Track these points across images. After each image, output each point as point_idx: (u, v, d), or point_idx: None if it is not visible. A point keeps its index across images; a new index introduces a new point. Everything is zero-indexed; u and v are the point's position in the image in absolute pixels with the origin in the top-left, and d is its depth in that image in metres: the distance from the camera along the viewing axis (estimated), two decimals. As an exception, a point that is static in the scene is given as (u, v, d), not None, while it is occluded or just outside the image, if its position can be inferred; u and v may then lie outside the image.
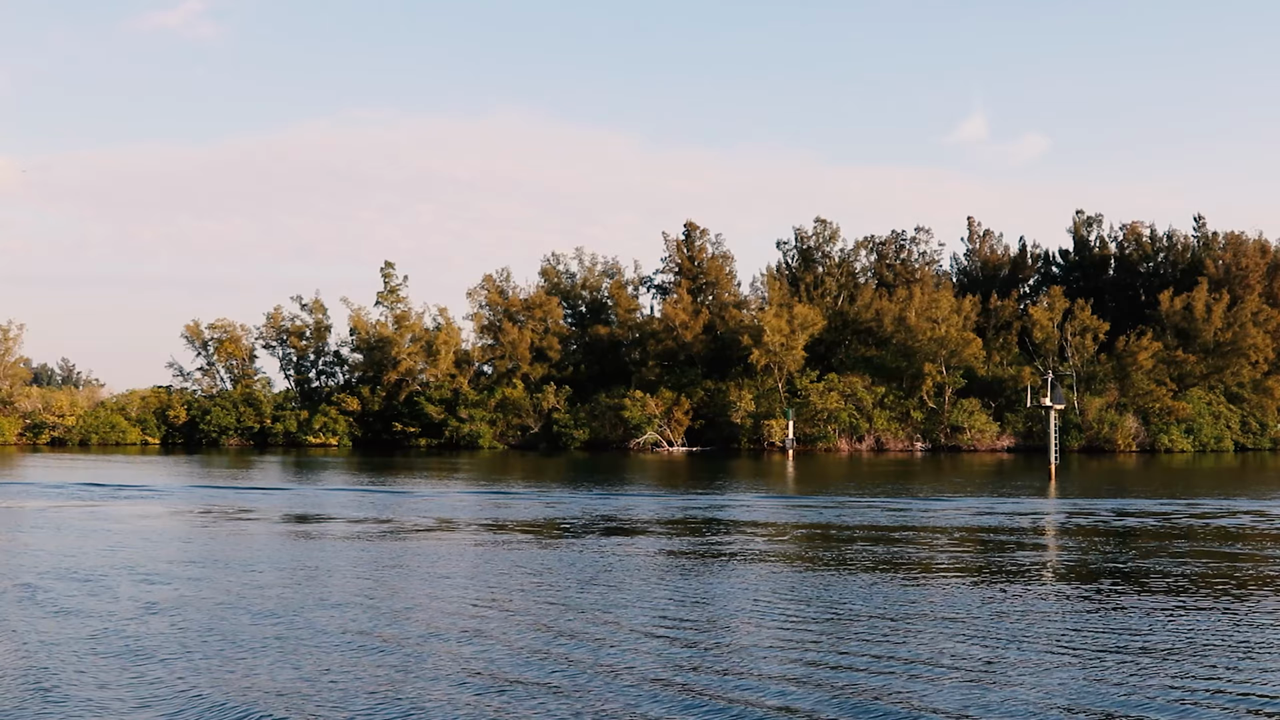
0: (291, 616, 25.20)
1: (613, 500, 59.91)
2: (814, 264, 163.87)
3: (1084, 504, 56.65)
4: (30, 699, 18.21)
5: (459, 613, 25.71)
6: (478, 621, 24.58)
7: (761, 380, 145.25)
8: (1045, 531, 44.60)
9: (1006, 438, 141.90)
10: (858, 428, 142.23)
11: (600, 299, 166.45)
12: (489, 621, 24.57)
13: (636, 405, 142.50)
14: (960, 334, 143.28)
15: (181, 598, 27.66)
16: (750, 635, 23.17)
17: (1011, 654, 21.34)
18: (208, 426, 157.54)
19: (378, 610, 25.99)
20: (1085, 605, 26.63)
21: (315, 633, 23.43)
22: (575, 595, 27.97)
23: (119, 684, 19.13)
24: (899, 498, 60.80)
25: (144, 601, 27.06)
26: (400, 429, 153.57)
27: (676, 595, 28.00)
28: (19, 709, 17.62)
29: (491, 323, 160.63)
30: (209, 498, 60.57)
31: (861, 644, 22.18)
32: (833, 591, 28.43)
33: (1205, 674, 19.78)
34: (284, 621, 24.60)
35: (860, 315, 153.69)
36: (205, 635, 23.18)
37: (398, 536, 41.57)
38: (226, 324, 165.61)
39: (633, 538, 41.24)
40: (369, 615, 25.37)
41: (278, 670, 20.12)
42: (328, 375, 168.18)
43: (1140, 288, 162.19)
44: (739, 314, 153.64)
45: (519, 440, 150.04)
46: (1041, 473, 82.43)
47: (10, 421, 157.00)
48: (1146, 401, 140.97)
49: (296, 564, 33.86)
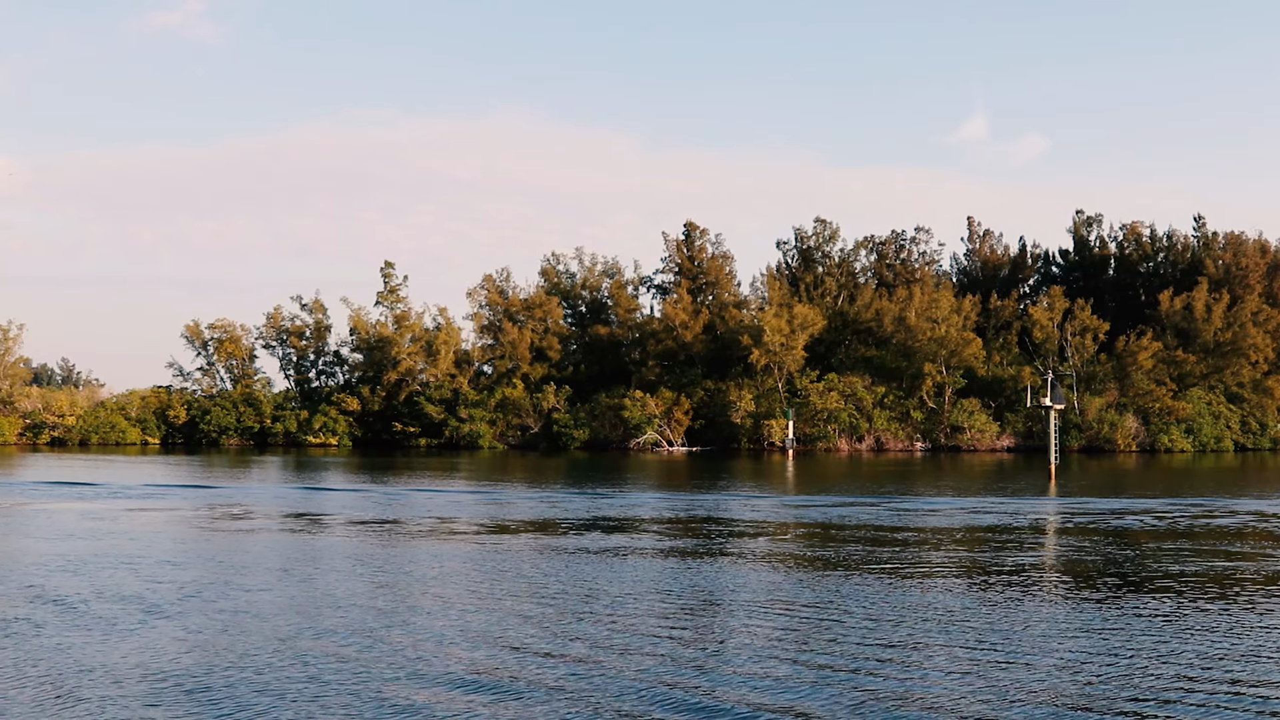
0: (293, 617, 25.23)
1: (613, 500, 59.93)
2: (814, 264, 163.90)
3: (1083, 503, 56.66)
4: (37, 699, 18.24)
5: (460, 613, 25.72)
6: (478, 622, 24.60)
7: (761, 380, 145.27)
8: (1045, 531, 44.62)
9: (1006, 438, 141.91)
10: (858, 428, 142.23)
11: (600, 299, 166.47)
12: (488, 621, 24.59)
13: (636, 405, 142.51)
14: (960, 334, 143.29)
15: (182, 599, 27.68)
16: (749, 634, 23.18)
17: (1010, 653, 21.35)
18: (208, 426, 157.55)
19: (379, 611, 26.00)
20: (1084, 605, 26.64)
21: (319, 634, 23.45)
22: (575, 596, 27.98)
23: (121, 685, 19.15)
24: (899, 497, 60.82)
25: (147, 603, 27.09)
26: (400, 429, 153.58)
27: (676, 595, 28.01)
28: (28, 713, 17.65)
29: (491, 323, 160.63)
30: (211, 498, 60.60)
31: (861, 645, 22.19)
32: (832, 592, 28.44)
33: (1204, 674, 19.79)
34: (285, 621, 24.62)
35: (860, 315, 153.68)
36: (206, 637, 23.19)
37: (398, 537, 41.58)
38: (226, 324, 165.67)
39: (632, 536, 41.25)
40: (370, 616, 25.38)
41: (281, 670, 20.14)
42: (328, 375, 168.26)
43: (1140, 288, 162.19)
44: (739, 314, 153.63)
45: (519, 440, 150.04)
46: (1041, 473, 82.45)
47: (10, 421, 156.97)
48: (1146, 401, 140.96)
49: (296, 565, 33.88)
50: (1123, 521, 47.28)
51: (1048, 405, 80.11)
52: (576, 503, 58.07)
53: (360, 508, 54.67)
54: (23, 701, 18.02)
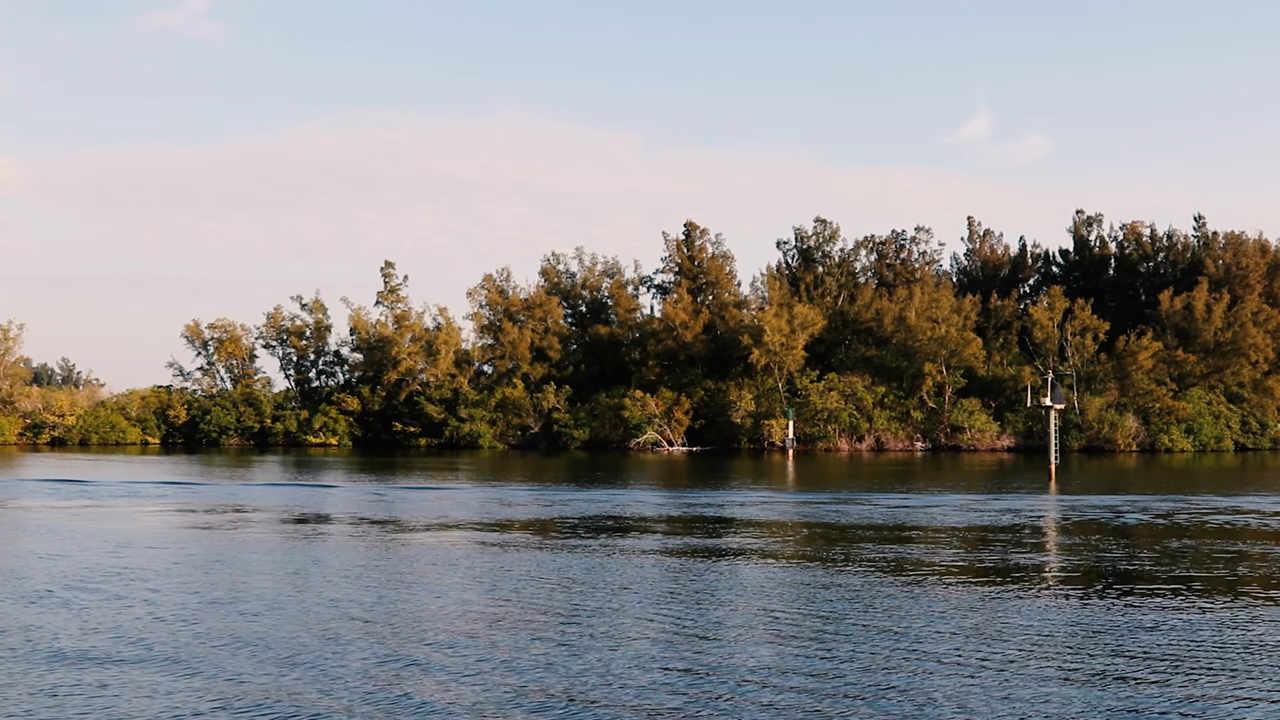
0: (297, 616, 25.22)
1: (613, 500, 59.92)
2: (814, 264, 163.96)
3: (1083, 501, 56.65)
4: (37, 702, 18.24)
5: (462, 614, 25.72)
6: (480, 624, 24.60)
7: (761, 380, 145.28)
8: (1045, 531, 44.61)
9: (1006, 437, 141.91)
10: (858, 427, 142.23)
11: (600, 299, 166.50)
12: (490, 623, 24.58)
13: (636, 405, 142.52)
14: (960, 334, 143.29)
15: (187, 600, 27.69)
16: (750, 635, 23.18)
17: (1010, 653, 21.35)
18: (208, 426, 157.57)
19: (382, 613, 26.00)
20: (1084, 604, 26.64)
21: (326, 638, 23.45)
22: (574, 597, 27.98)
23: (124, 685, 19.14)
24: (898, 495, 60.81)
25: (151, 603, 27.08)
26: (400, 429, 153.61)
27: (676, 595, 28.00)
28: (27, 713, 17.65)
29: (491, 322, 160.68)
30: (214, 497, 60.60)
31: (860, 645, 22.19)
32: (832, 591, 28.43)
33: (1206, 674, 19.79)
34: (289, 621, 24.61)
35: (860, 315, 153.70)
36: (210, 637, 23.18)
37: (400, 539, 41.58)
38: (226, 324, 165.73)
39: (631, 537, 41.25)
40: (372, 617, 25.37)
41: (285, 672, 20.13)
42: (328, 375, 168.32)
43: (1140, 287, 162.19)
44: (739, 314, 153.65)
45: (519, 440, 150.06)
46: (1041, 472, 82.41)
47: (10, 421, 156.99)
48: (1146, 401, 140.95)
49: (299, 565, 33.87)
50: (1122, 519, 47.29)
51: (1048, 405, 80.00)
52: (576, 504, 58.06)
53: (361, 508, 54.67)
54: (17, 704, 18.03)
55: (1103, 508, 53.60)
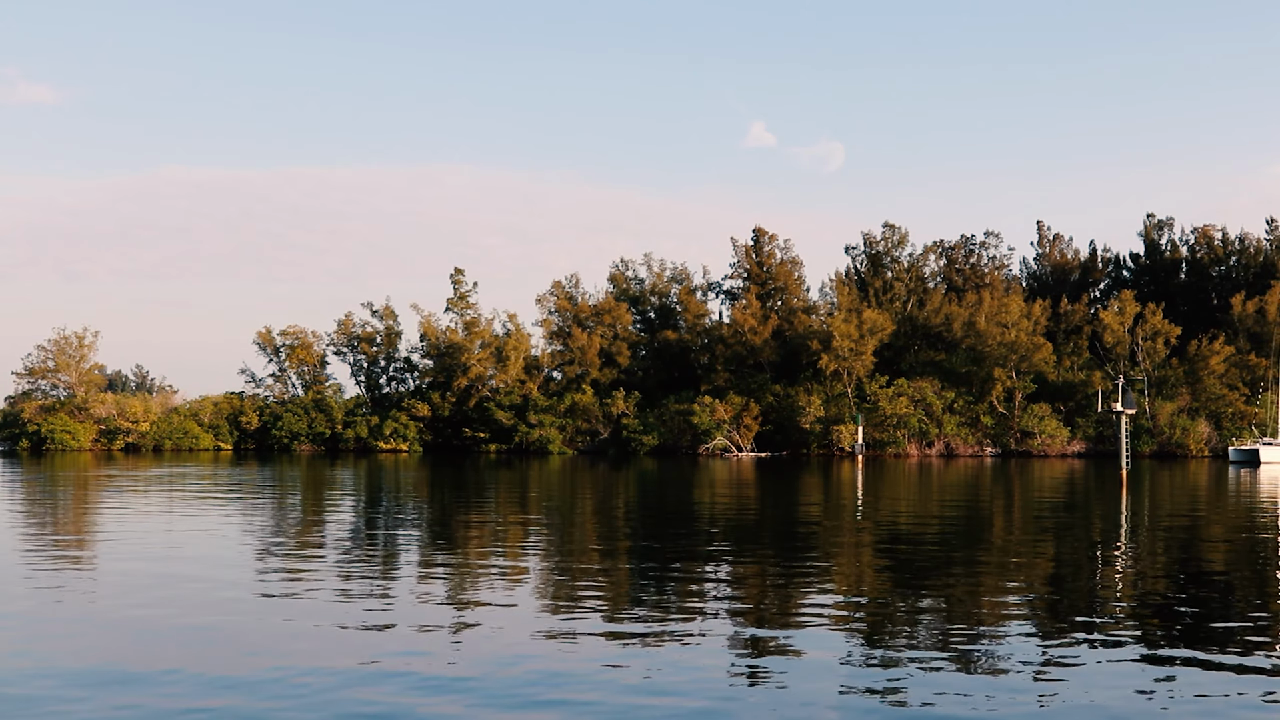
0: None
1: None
2: (883, 269, 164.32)
3: (1157, 518, 56.29)
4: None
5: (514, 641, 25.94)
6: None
7: (830, 385, 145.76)
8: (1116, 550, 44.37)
9: (1077, 443, 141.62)
10: (927, 433, 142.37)
11: (669, 304, 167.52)
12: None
13: (705, 411, 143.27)
14: (1030, 338, 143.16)
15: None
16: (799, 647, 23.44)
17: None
18: (279, 432, 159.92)
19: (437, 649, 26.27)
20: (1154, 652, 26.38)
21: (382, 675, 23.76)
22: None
23: (133, 687, 19.63)
24: (965, 509, 60.73)
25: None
26: (470, 434, 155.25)
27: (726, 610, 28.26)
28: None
29: (561, 328, 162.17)
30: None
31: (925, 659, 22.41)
32: (885, 609, 28.59)
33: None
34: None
35: (929, 320, 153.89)
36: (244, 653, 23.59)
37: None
38: (298, 330, 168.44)
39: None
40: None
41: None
42: (398, 381, 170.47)
43: (1212, 291, 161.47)
44: (808, 319, 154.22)
45: (588, 445, 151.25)
46: (1113, 480, 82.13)
47: (85, 427, 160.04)
48: (1219, 406, 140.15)
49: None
50: (1208, 542, 46.81)
51: (1119, 410, 79.73)
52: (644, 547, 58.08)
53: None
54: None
55: (1184, 524, 53.28)
